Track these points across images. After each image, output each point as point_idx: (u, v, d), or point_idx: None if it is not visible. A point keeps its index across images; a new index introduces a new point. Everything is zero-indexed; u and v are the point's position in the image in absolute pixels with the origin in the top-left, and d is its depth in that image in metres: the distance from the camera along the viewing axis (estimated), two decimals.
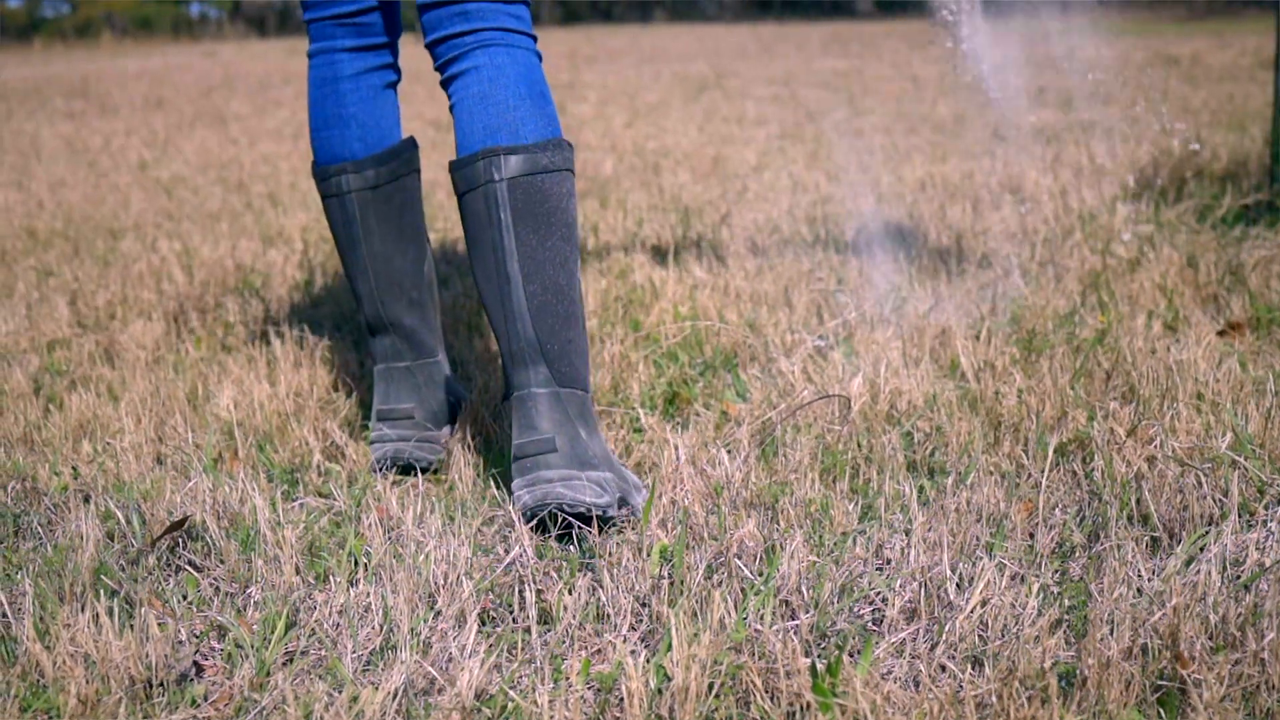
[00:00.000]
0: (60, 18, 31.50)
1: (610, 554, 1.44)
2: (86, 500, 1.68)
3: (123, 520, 1.56)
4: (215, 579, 1.48)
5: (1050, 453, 1.61)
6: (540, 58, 1.66)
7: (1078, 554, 1.43)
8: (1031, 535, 1.48)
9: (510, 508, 1.57)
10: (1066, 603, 1.28)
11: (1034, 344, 2.06)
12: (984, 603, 1.26)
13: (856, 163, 4.46)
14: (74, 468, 1.78)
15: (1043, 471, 1.63)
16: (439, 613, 1.33)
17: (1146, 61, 10.00)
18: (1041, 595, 1.28)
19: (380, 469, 1.80)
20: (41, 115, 8.48)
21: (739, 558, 1.40)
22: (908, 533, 1.45)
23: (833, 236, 3.04)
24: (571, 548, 1.50)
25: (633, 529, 1.53)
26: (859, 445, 1.72)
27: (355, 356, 2.31)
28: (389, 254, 1.85)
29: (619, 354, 2.11)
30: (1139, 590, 1.30)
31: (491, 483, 1.70)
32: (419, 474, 1.76)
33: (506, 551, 1.48)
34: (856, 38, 15.37)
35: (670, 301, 2.46)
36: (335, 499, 1.66)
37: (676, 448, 1.70)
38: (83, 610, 1.35)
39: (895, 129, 5.74)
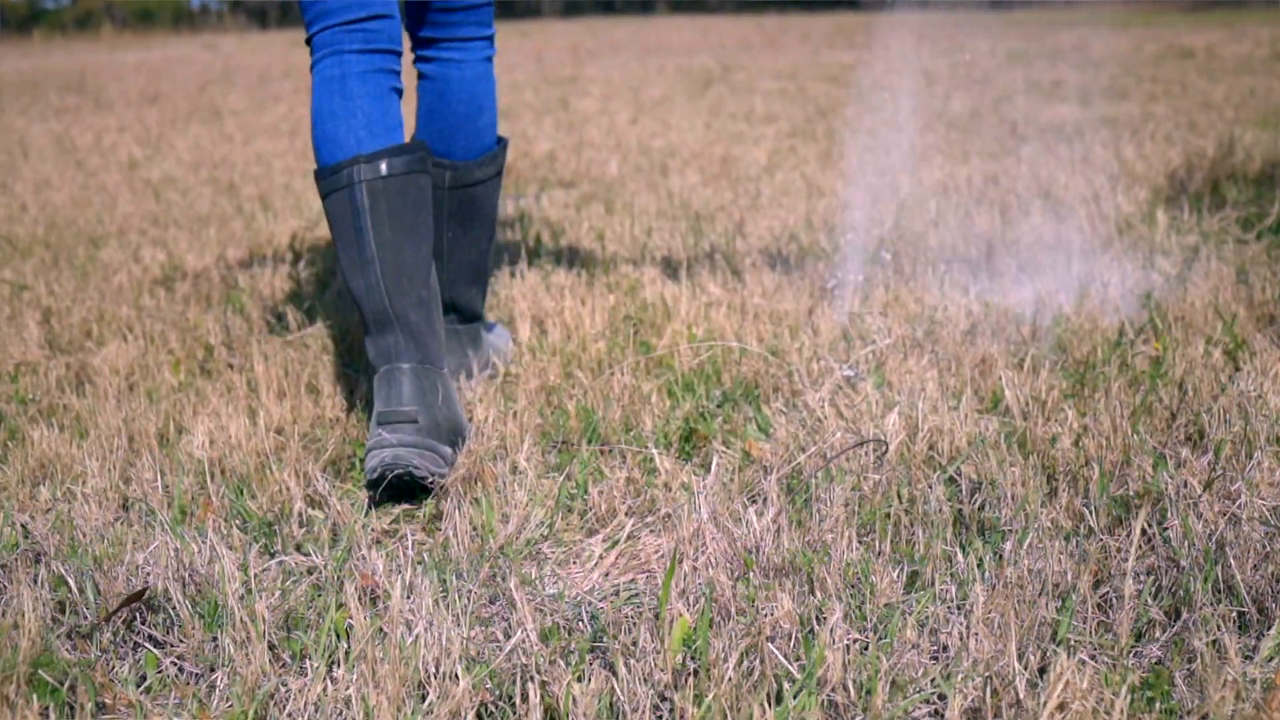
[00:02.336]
0: (60, 10, 31.32)
1: (625, 632, 1.26)
2: (38, 560, 1.51)
3: (75, 589, 1.38)
4: (179, 657, 1.31)
5: (1115, 508, 1.44)
6: (491, 58, 2.04)
7: (1157, 632, 1.26)
8: (1101, 608, 1.30)
9: (510, 581, 1.40)
10: (1158, 706, 1.11)
11: (1087, 377, 1.88)
12: (1062, 706, 1.08)
13: (873, 164, 4.27)
14: (23, 526, 1.60)
15: (1107, 528, 1.45)
16: (430, 709, 1.16)
17: (1160, 54, 9.80)
18: (1130, 696, 1.10)
19: (375, 482, 1.65)
20: (34, 111, 8.30)
21: (773, 640, 1.23)
22: (963, 610, 1.27)
23: (854, 247, 2.86)
24: (576, 634, 1.33)
25: (651, 610, 1.35)
26: (899, 496, 1.54)
27: (343, 386, 2.14)
28: (400, 244, 1.75)
29: (631, 385, 1.94)
30: (1236, 689, 1.13)
31: (490, 537, 1.52)
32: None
33: (506, 634, 1.30)
34: (862, 30, 15.16)
35: (683, 322, 2.28)
36: (315, 557, 1.49)
37: (697, 500, 1.52)
38: (14, 716, 1.17)
39: (909, 126, 5.55)
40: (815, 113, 6.21)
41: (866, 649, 1.25)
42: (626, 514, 1.62)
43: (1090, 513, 1.48)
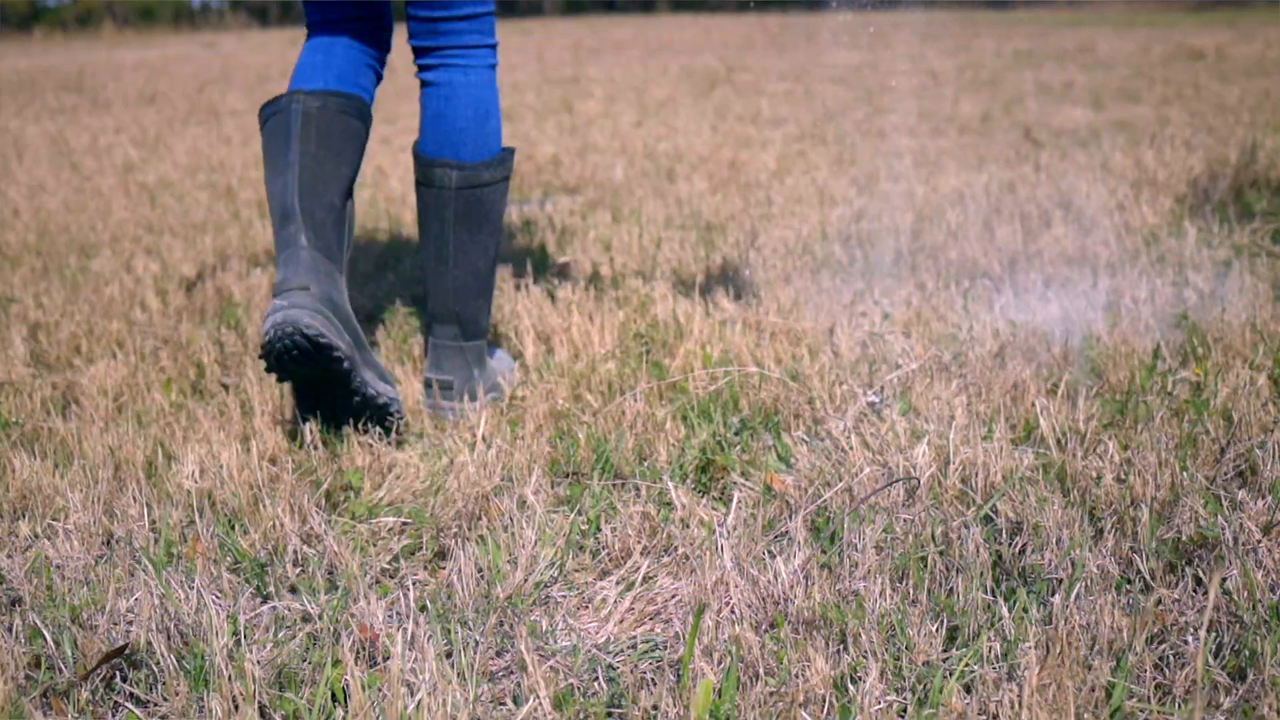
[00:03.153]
0: (61, 7, 31.23)
1: (645, 694, 1.17)
2: (14, 606, 1.41)
3: (52, 643, 1.28)
4: (162, 718, 1.21)
5: (1167, 553, 1.34)
6: (494, 65, 2.04)
7: (1221, 696, 1.16)
8: (1159, 667, 1.21)
9: (519, 629, 1.30)
10: None
11: (1127, 407, 1.78)
12: None
13: (885, 170, 4.17)
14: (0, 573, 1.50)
15: (1159, 575, 1.36)
16: None
17: (1169, 55, 9.69)
18: None
19: (269, 349, 1.74)
20: (30, 111, 8.21)
21: (806, 706, 1.13)
22: (1012, 676, 1.18)
23: (872, 260, 2.76)
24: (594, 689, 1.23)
25: (671, 666, 1.25)
26: (933, 538, 1.44)
27: None
28: (322, 157, 1.89)
29: (644, 412, 1.84)
30: None
31: (497, 581, 1.42)
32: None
33: (516, 699, 1.20)
34: (865, 29, 15.07)
35: (697, 341, 2.18)
36: (310, 604, 1.39)
37: (719, 544, 1.42)
38: None
39: (920, 130, 5.45)
40: (823, 115, 6.11)
41: (905, 712, 1.16)
42: (642, 553, 1.52)
43: (1140, 558, 1.38)
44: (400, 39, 2.17)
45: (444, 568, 1.52)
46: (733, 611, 1.30)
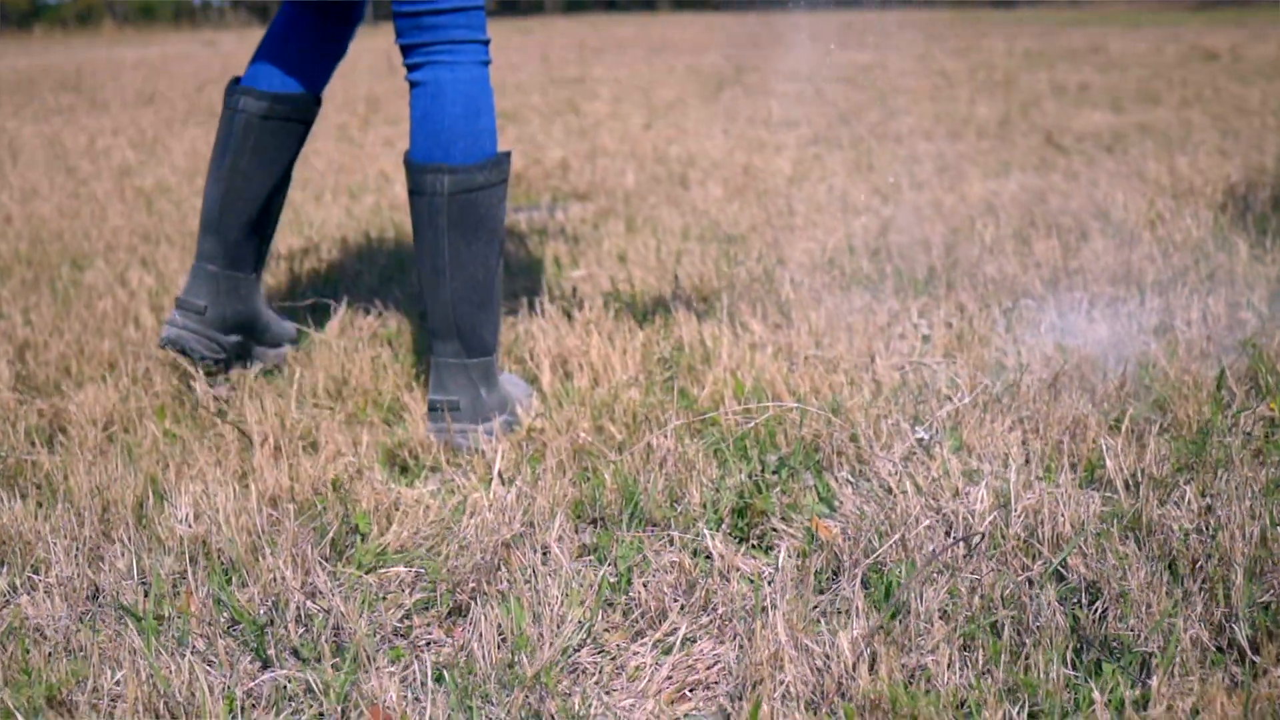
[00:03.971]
0: (61, 4, 31.11)
1: None
2: None
3: None
4: None
5: (1266, 621, 1.21)
6: (486, 63, 1.94)
7: None
8: None
9: (548, 705, 1.16)
10: None
11: (1203, 448, 1.64)
12: None
13: (906, 176, 4.04)
14: None
15: (1259, 645, 1.22)
16: None
17: (1183, 56, 9.55)
18: None
19: (164, 346, 2.12)
20: (27, 111, 8.07)
21: None
22: None
23: (904, 275, 2.62)
24: None
25: None
26: (1002, 599, 1.31)
27: (346, 437, 1.91)
28: (250, 173, 2.09)
29: (675, 450, 1.70)
30: None
31: (521, 649, 1.29)
32: (428, 663, 1.35)
33: None
34: (869, 28, 14.90)
35: (726, 368, 2.05)
36: (314, 676, 1.25)
37: (767, 606, 1.29)
38: None
39: (936, 133, 5.31)
40: (836, 118, 5.97)
41: None
42: (679, 613, 1.39)
43: (1236, 625, 1.24)
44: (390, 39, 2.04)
45: (460, 625, 1.39)
46: (787, 690, 1.16)
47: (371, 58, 11.21)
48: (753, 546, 1.55)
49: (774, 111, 6.38)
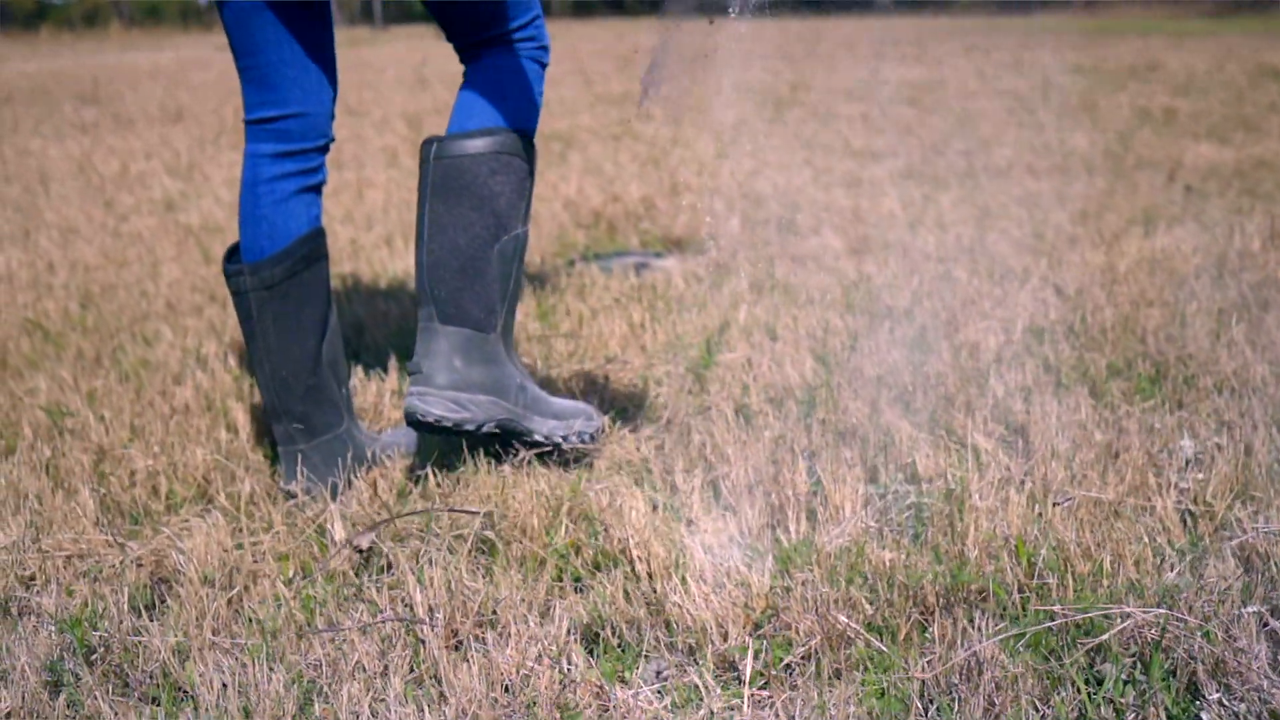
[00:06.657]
0: (68, 5, 30.77)
1: None
2: None
3: None
4: None
5: None
6: (540, 62, 1.95)
7: None
8: None
9: None
10: None
11: None
12: None
13: (1048, 227, 3.65)
14: None
15: None
16: None
17: (1249, 73, 9.16)
18: None
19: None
20: (48, 127, 7.69)
21: None
22: None
23: (1120, 368, 2.24)
24: None
25: None
26: None
27: (531, 611, 1.52)
28: (285, 346, 1.94)
29: (998, 659, 1.31)
30: None
31: None
32: None
33: None
34: (893, 38, 14.52)
35: (988, 524, 1.66)
36: None
37: None
38: None
39: (1040, 168, 4.93)
40: (922, 148, 5.58)
41: None
42: None
43: None
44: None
45: None
46: None
47: (398, 69, 10.82)
48: None
49: (849, 138, 6.00)
